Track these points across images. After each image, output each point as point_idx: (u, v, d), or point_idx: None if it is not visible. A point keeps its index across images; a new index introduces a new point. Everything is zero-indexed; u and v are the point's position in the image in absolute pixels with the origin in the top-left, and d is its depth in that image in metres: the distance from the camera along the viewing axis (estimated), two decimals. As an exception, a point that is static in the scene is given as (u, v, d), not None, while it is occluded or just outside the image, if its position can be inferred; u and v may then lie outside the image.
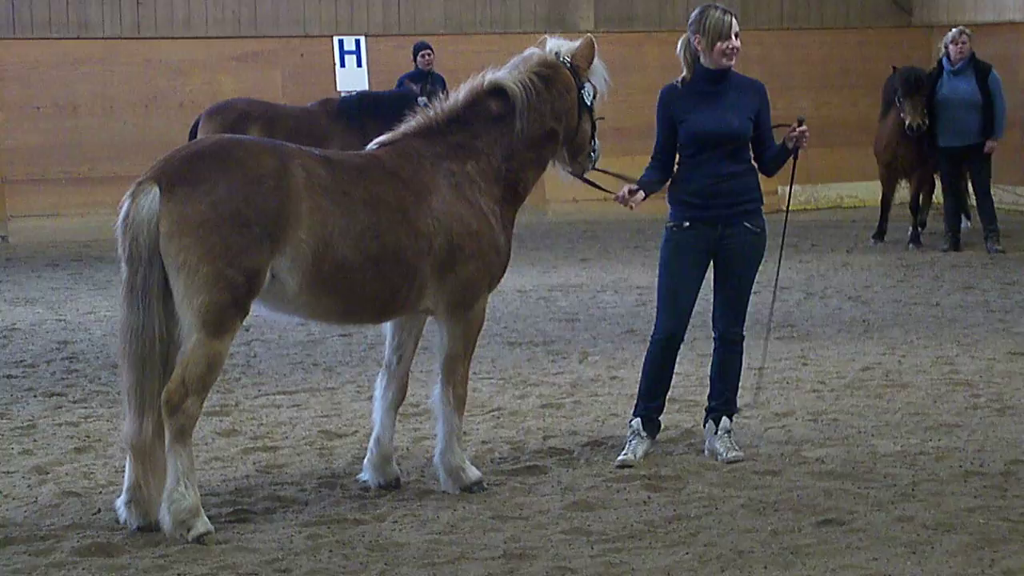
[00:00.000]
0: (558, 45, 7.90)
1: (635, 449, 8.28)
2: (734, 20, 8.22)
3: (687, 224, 8.24)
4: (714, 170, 8.17)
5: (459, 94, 7.74)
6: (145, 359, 6.82)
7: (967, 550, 6.59)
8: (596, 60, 7.94)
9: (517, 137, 7.69)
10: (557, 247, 18.36)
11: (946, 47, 16.78)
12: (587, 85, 7.89)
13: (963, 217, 18.00)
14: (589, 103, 7.89)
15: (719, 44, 8.14)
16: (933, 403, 9.56)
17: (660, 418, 8.43)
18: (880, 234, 17.96)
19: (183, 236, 6.74)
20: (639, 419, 8.36)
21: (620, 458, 8.23)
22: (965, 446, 8.45)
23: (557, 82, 7.79)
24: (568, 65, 7.83)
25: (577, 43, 7.92)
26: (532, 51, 7.91)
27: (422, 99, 17.26)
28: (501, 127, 7.69)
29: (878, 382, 10.21)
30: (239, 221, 6.77)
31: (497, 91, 7.71)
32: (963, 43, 16.66)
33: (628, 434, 8.39)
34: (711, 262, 8.31)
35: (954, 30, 16.90)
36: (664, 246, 8.36)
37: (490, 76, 7.74)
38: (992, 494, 7.49)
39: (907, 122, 16.85)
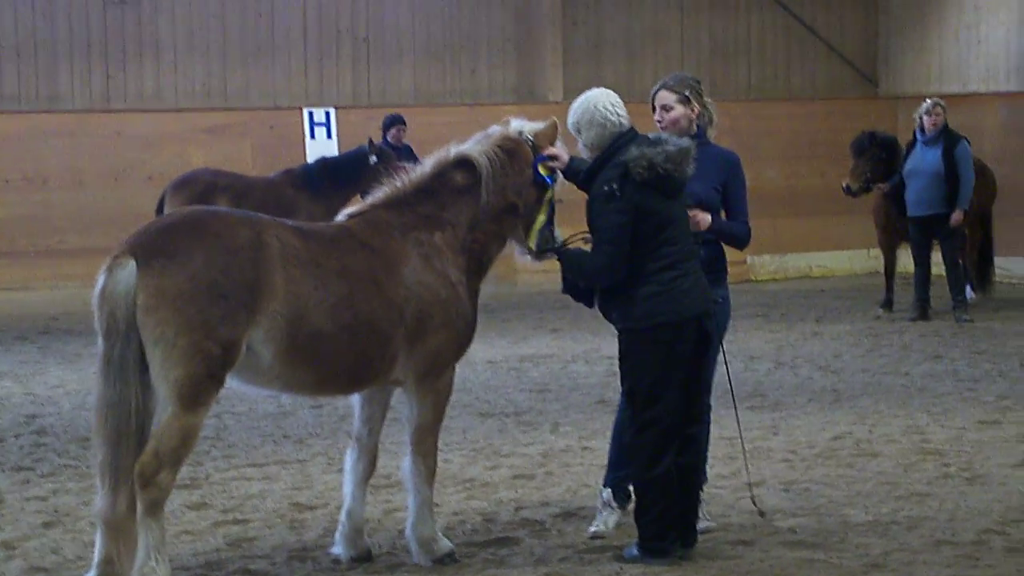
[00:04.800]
0: (521, 125, 7.97)
1: (606, 520, 8.26)
2: (662, 90, 8.28)
3: None
4: None
5: (426, 166, 7.80)
6: (121, 433, 6.80)
7: (940, 620, 6.58)
8: (559, 142, 7.98)
9: (482, 209, 7.74)
10: (527, 317, 18.37)
11: (920, 118, 16.97)
12: (545, 163, 7.88)
13: (968, 287, 18.00)
14: (548, 182, 7.89)
15: (654, 117, 8.27)
16: (904, 472, 9.58)
17: (630, 487, 8.41)
18: (888, 303, 17.77)
19: (160, 309, 6.74)
20: (609, 489, 8.34)
21: (591, 529, 8.22)
22: (936, 515, 8.46)
23: (518, 157, 7.86)
24: (529, 143, 7.88)
25: (541, 124, 7.98)
26: (495, 128, 7.98)
27: (373, 158, 17.37)
28: (467, 199, 7.75)
29: (849, 451, 10.23)
30: (216, 292, 6.79)
31: (463, 163, 7.77)
32: (937, 115, 16.85)
33: (599, 504, 8.37)
34: None
35: (928, 101, 17.09)
36: None
37: (456, 149, 7.81)
38: (964, 563, 7.49)
39: (843, 182, 17.53)
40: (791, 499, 8.86)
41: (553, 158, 7.91)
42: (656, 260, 7.56)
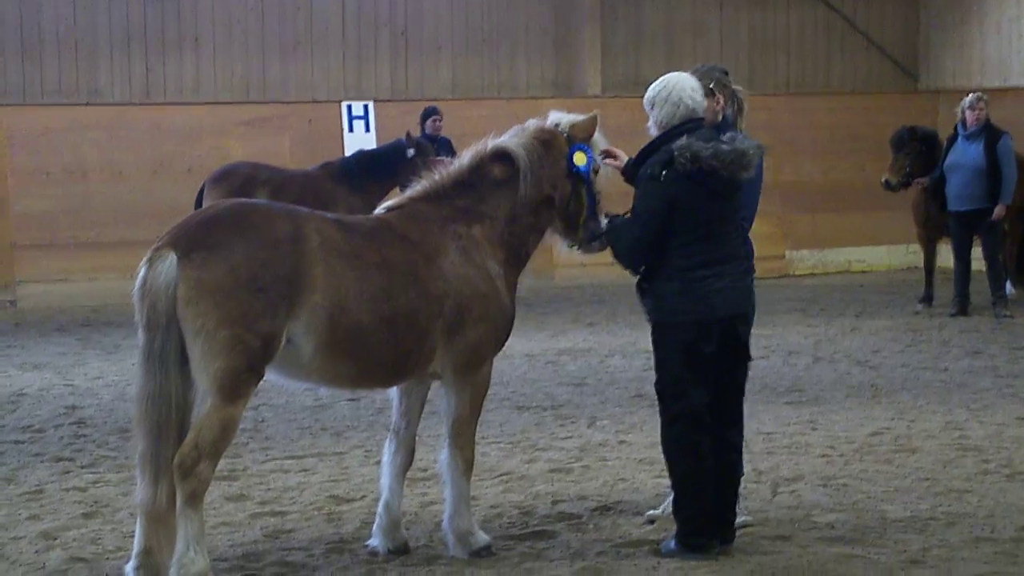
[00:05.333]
0: (560, 117, 7.95)
1: (666, 507, 8.28)
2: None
3: None
4: None
5: (463, 159, 7.80)
6: (162, 425, 6.83)
7: (979, 616, 6.56)
8: (598, 134, 7.94)
9: (520, 201, 7.74)
10: (565, 311, 18.36)
11: (963, 112, 16.87)
12: (580, 152, 7.85)
13: (1008, 283, 17.88)
14: (582, 172, 7.85)
15: None
16: (943, 468, 9.54)
17: None
18: (927, 299, 17.66)
19: (201, 301, 6.77)
20: None
21: (648, 513, 8.29)
22: (975, 512, 8.42)
23: (554, 149, 7.85)
24: (565, 135, 7.87)
25: (582, 116, 7.96)
26: (532, 121, 7.97)
27: (411, 151, 17.39)
28: (505, 191, 7.75)
29: (887, 447, 10.19)
30: (256, 285, 6.81)
31: (501, 156, 7.77)
32: (980, 109, 16.75)
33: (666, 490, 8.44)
34: None
35: (972, 96, 16.99)
36: None
37: (493, 142, 7.82)
38: (1003, 560, 7.46)
39: (882, 177, 17.46)
40: (829, 495, 8.83)
41: (610, 155, 7.90)
42: (688, 257, 7.51)
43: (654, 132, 7.78)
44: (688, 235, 7.52)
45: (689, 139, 7.48)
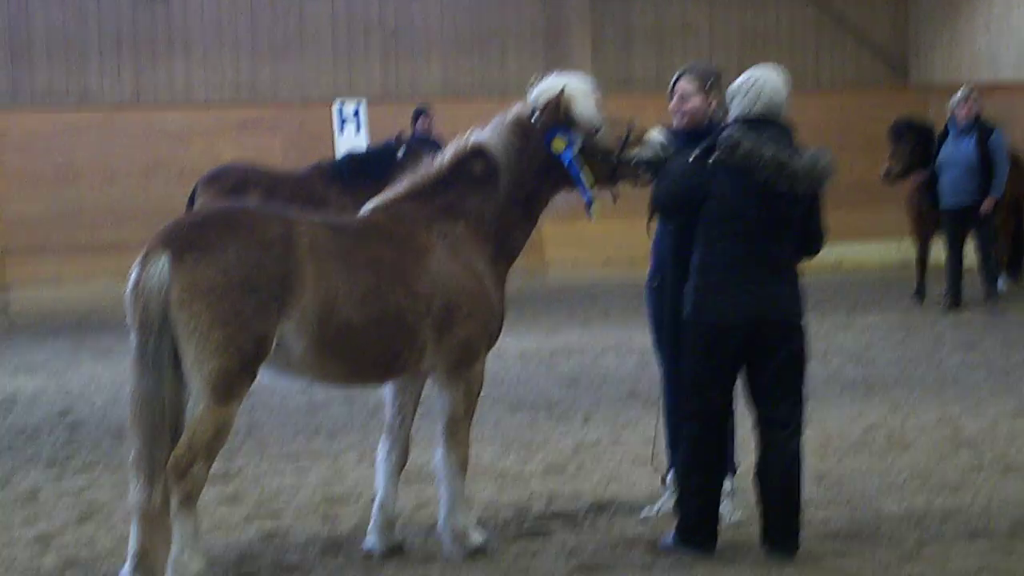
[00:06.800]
0: (535, 96, 7.78)
1: (664, 502, 8.32)
2: (682, 79, 8.25)
3: (656, 283, 8.40)
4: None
5: (444, 156, 7.78)
6: (155, 427, 6.83)
7: (974, 611, 6.56)
8: (574, 105, 7.66)
9: (504, 196, 7.72)
10: (558, 310, 18.36)
11: (953, 108, 16.88)
12: (559, 137, 7.67)
13: (1001, 278, 17.88)
14: (563, 159, 7.69)
15: (671, 104, 8.24)
16: (937, 464, 9.55)
17: None
18: (920, 293, 17.70)
19: (194, 303, 6.77)
20: (672, 470, 8.40)
21: (643, 512, 8.36)
22: (970, 507, 8.43)
23: (532, 139, 7.74)
24: (538, 123, 7.70)
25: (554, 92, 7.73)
26: (514, 109, 7.88)
27: (400, 152, 17.40)
28: (487, 187, 7.71)
29: (881, 443, 10.20)
30: (249, 286, 6.82)
31: (479, 152, 7.74)
32: (971, 102, 16.77)
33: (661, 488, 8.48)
34: None
35: (961, 91, 17.01)
36: (655, 301, 8.44)
37: (473, 138, 7.78)
38: (997, 555, 7.47)
39: (883, 167, 17.46)
40: (824, 491, 8.84)
41: (639, 143, 7.74)
42: (712, 254, 7.45)
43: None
44: (715, 228, 7.44)
45: (741, 132, 7.41)
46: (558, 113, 7.69)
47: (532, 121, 7.73)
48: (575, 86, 7.76)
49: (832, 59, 23.99)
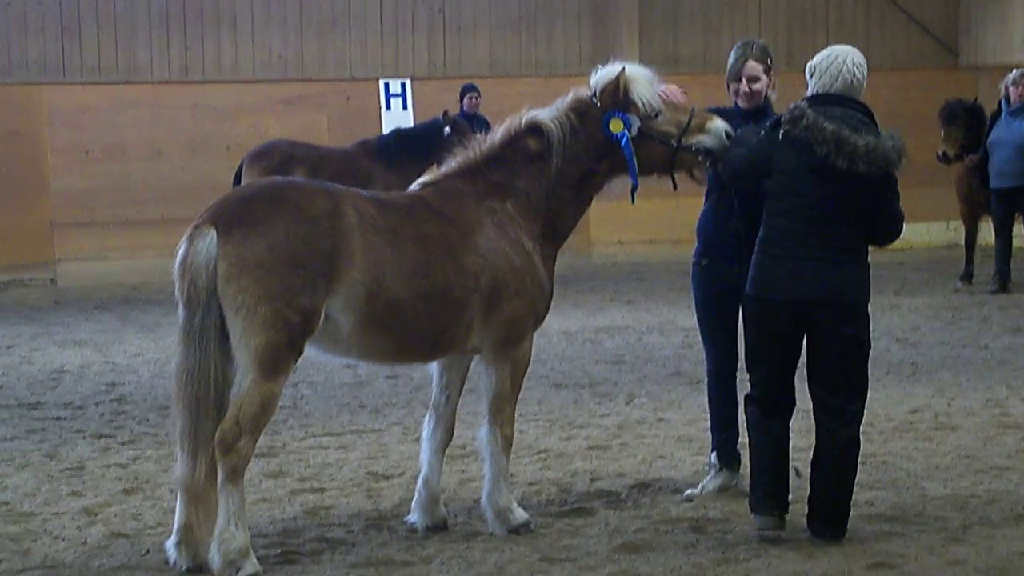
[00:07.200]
0: (596, 80, 7.78)
1: (705, 484, 8.32)
2: (750, 61, 8.20)
3: (706, 262, 8.39)
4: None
5: (497, 134, 7.76)
6: (200, 401, 6.86)
7: (1020, 594, 6.53)
8: (632, 87, 7.63)
9: (555, 176, 7.68)
10: (602, 289, 18.34)
11: (1006, 88, 16.75)
12: (616, 119, 7.65)
13: None
14: (618, 139, 7.66)
15: (732, 85, 8.22)
16: (983, 446, 9.49)
17: (739, 447, 8.35)
18: (967, 276, 17.54)
19: (241, 278, 6.79)
20: (714, 452, 8.43)
21: (687, 492, 8.34)
22: (1016, 489, 8.38)
23: (590, 120, 7.72)
24: (596, 104, 7.74)
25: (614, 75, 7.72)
26: (574, 91, 7.88)
27: (447, 129, 17.42)
28: (539, 166, 7.67)
29: (927, 425, 10.15)
30: (296, 262, 6.83)
31: (534, 130, 7.71)
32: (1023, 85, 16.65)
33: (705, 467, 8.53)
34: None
35: (1016, 72, 16.88)
36: (702, 281, 8.37)
37: (527, 115, 7.75)
38: (1044, 538, 7.42)
39: (938, 150, 17.23)
40: (869, 472, 8.79)
41: (701, 131, 7.68)
42: (770, 229, 7.40)
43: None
44: (774, 203, 7.39)
45: (810, 106, 7.34)
46: (617, 95, 7.66)
47: (592, 101, 7.71)
48: (635, 70, 7.73)
49: (882, 39, 23.80)
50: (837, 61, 7.50)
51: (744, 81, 8.20)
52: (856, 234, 7.43)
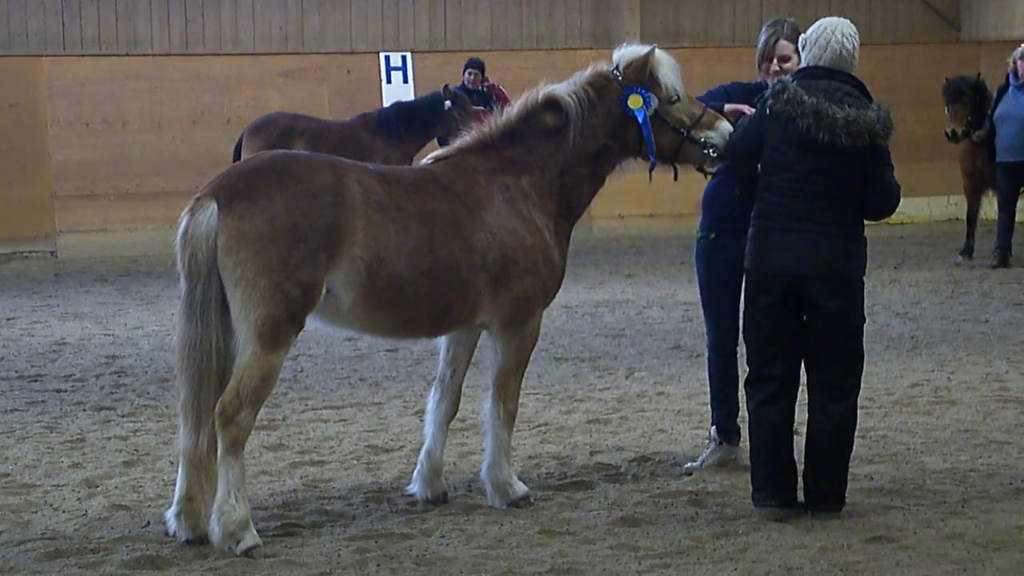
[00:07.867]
0: (620, 57, 7.77)
1: (706, 458, 8.33)
2: (781, 40, 8.20)
3: (713, 235, 8.33)
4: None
5: (513, 108, 7.70)
6: (203, 373, 6.86)
7: (1018, 568, 6.54)
8: (659, 68, 7.63)
9: (571, 151, 7.64)
10: (603, 263, 18.35)
11: (1015, 62, 16.72)
12: (636, 95, 7.61)
13: None
14: (636, 116, 7.66)
15: (764, 65, 8.21)
16: (983, 420, 9.50)
17: (739, 421, 8.32)
18: (968, 250, 17.55)
19: (241, 250, 6.78)
20: (714, 427, 8.42)
21: (686, 465, 8.33)
22: (1015, 463, 8.39)
23: (608, 95, 7.68)
24: (618, 78, 7.75)
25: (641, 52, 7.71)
26: (593, 66, 7.83)
27: (447, 103, 17.39)
28: (555, 141, 7.61)
29: (927, 399, 10.16)
30: (296, 236, 6.81)
31: (551, 104, 7.65)
32: None
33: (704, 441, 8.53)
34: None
35: (1023, 46, 16.85)
36: (707, 255, 8.36)
37: (545, 89, 7.69)
38: (1043, 512, 7.43)
39: (946, 129, 17.19)
40: (868, 446, 8.80)
41: (712, 128, 7.65)
42: (762, 203, 7.38)
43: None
44: (767, 177, 7.37)
45: (797, 80, 7.32)
46: (643, 72, 7.62)
47: (613, 76, 7.67)
48: (663, 54, 7.72)
49: (884, 13, 23.77)
50: (826, 32, 7.49)
51: (776, 60, 8.19)
52: (847, 207, 7.39)
